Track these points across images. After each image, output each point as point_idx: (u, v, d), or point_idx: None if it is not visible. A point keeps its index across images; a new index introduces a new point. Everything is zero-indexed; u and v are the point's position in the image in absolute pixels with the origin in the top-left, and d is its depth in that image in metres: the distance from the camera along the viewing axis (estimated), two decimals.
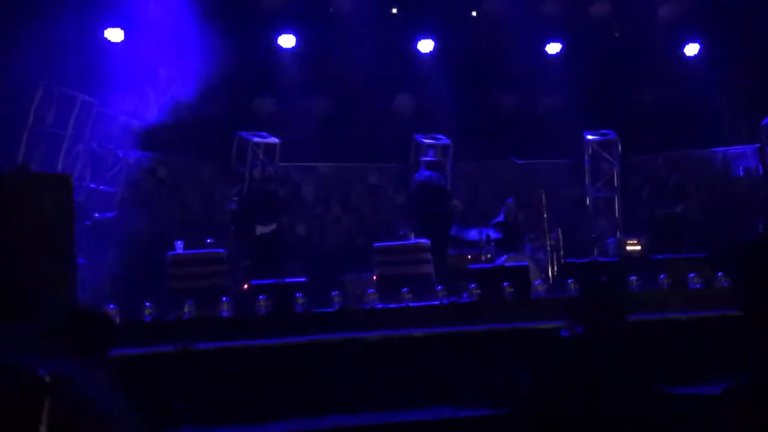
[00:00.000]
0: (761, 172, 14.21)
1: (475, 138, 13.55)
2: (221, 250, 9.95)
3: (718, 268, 9.68)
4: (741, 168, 14.45)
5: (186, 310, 8.50)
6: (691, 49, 14.27)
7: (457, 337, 7.72)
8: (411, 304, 8.97)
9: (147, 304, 8.37)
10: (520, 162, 12.05)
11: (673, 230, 11.91)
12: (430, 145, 14.03)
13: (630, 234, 12.66)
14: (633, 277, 9.43)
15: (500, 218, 12.35)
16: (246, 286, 10.01)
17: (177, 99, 11.71)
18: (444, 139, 14.09)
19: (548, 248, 11.34)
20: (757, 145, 14.19)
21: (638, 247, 11.88)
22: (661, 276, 9.47)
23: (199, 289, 9.22)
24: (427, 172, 11.68)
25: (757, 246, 2.93)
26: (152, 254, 11.27)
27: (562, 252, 11.53)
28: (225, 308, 8.55)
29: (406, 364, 7.39)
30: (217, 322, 8.28)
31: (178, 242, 9.99)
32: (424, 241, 10.54)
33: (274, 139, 13.19)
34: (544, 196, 11.46)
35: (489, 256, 11.46)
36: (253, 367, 7.10)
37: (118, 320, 7.59)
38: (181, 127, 12.20)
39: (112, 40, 11.31)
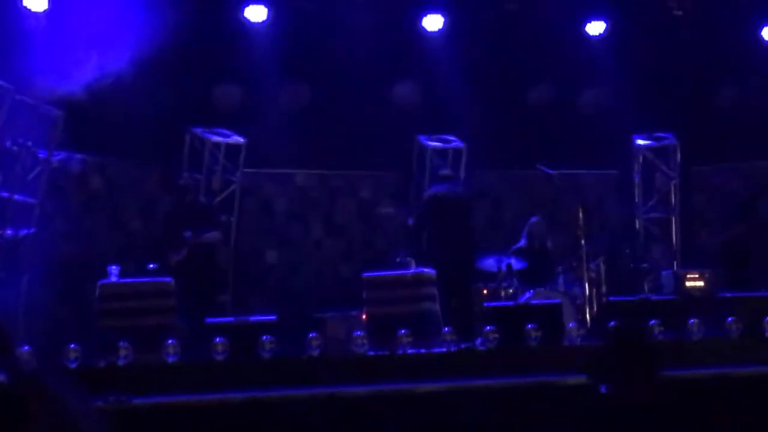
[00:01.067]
0: None
1: (496, 141, 13.62)
2: (167, 279, 9.98)
3: None
4: None
5: (121, 353, 8.51)
6: None
7: (468, 393, 7.73)
8: (410, 351, 8.98)
9: (72, 346, 8.37)
10: (551, 172, 12.10)
11: (743, 262, 11.97)
12: (437, 149, 14.09)
13: (691, 265, 12.70)
14: (693, 321, 9.45)
15: (522, 242, 12.38)
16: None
17: (113, 85, 11.76)
18: (456, 142, 14.17)
19: (586, 282, 11.37)
20: None
21: (701, 283, 11.90)
22: (729, 319, 9.50)
23: (139, 328, 9.23)
24: (444, 185, 11.78)
25: None
26: (79, 283, 11.29)
27: (604, 287, 11.56)
28: (171, 352, 8.56)
29: (403, 427, 7.40)
30: (161, 369, 8.29)
31: (113, 268, 10.01)
32: (428, 271, 10.56)
33: (238, 138, 13.25)
34: (581, 216, 11.50)
35: (510, 291, 11.48)
36: (207, 428, 7.10)
37: (33, 365, 7.60)
38: (118, 121, 12.25)
39: (32, 9, 11.38)
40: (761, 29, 14.40)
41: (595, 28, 14.24)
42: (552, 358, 8.75)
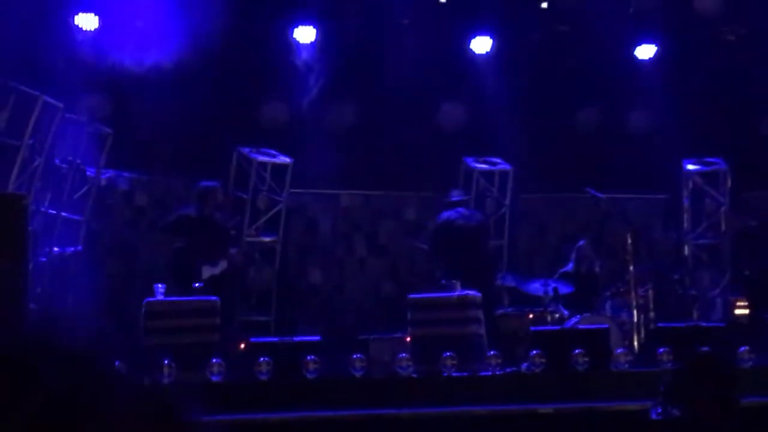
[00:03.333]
0: None
1: (543, 163, 13.57)
2: (213, 298, 10.00)
3: None
4: None
5: (165, 371, 8.53)
6: None
7: (514, 418, 7.68)
8: (454, 374, 8.94)
9: (116, 363, 8.40)
10: (600, 195, 12.03)
11: None
12: (484, 171, 14.06)
13: (740, 292, 12.55)
14: (744, 348, 9.33)
15: (570, 267, 12.31)
16: (243, 345, 10.03)
17: (161, 105, 11.86)
18: (502, 164, 14.12)
19: (635, 307, 11.26)
20: None
21: (748, 310, 11.79)
22: None
23: (183, 346, 9.26)
24: (454, 211, 11.80)
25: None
26: (125, 301, 11.36)
27: (652, 313, 11.45)
28: (215, 371, 8.57)
29: None
30: (205, 388, 8.30)
31: (159, 287, 10.06)
32: (473, 293, 10.52)
33: (284, 159, 13.29)
34: (630, 241, 11.41)
35: (557, 315, 11.39)
36: None
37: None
38: (167, 141, 12.35)
39: (83, 28, 11.51)
40: None
41: (646, 51, 14.18)
42: (599, 384, 8.67)
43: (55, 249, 10.99)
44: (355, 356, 8.97)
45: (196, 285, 10.33)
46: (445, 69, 13.78)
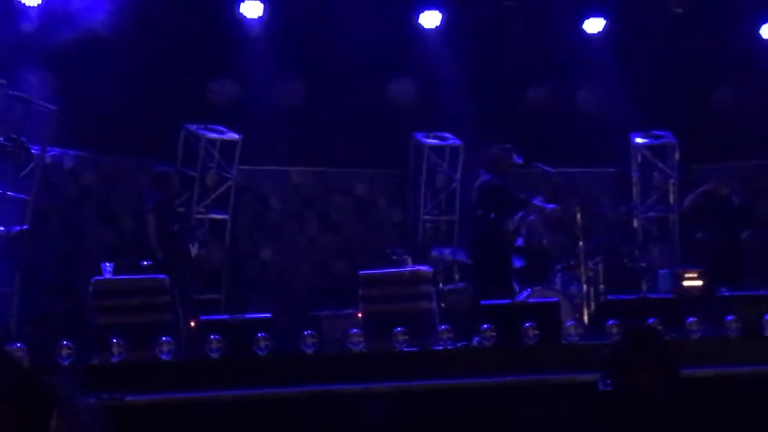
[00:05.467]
0: None
1: (493, 138, 13.59)
2: (162, 276, 9.95)
3: None
4: None
5: (114, 351, 8.48)
6: None
7: (465, 392, 7.73)
8: (406, 349, 8.97)
9: (65, 343, 8.34)
10: (549, 170, 12.09)
11: (735, 263, 11.98)
12: (434, 147, 14.08)
13: (689, 265, 12.70)
14: (692, 320, 9.45)
15: (520, 241, 12.37)
16: (193, 323, 9.99)
17: (107, 82, 11.74)
18: (452, 140, 14.15)
19: (585, 281, 11.36)
20: None
21: (699, 282, 11.90)
22: (728, 318, 9.50)
23: (133, 326, 9.20)
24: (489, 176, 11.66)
25: None
26: (72, 281, 11.26)
27: (602, 286, 11.56)
28: (165, 350, 8.53)
29: (399, 424, 7.39)
30: (155, 367, 8.26)
31: (107, 265, 9.98)
32: (424, 269, 10.55)
33: (233, 135, 13.23)
34: (579, 215, 11.49)
35: None
36: (200, 426, 7.08)
37: (26, 364, 7.57)
38: (113, 117, 12.22)
39: (26, 3, 11.35)
40: (760, 28, 14.40)
41: (594, 25, 14.23)
42: (549, 356, 8.75)
43: (1, 228, 10.86)
44: (306, 333, 8.96)
45: (145, 263, 10.28)
46: (395, 44, 13.75)
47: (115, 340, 8.56)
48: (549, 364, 8.52)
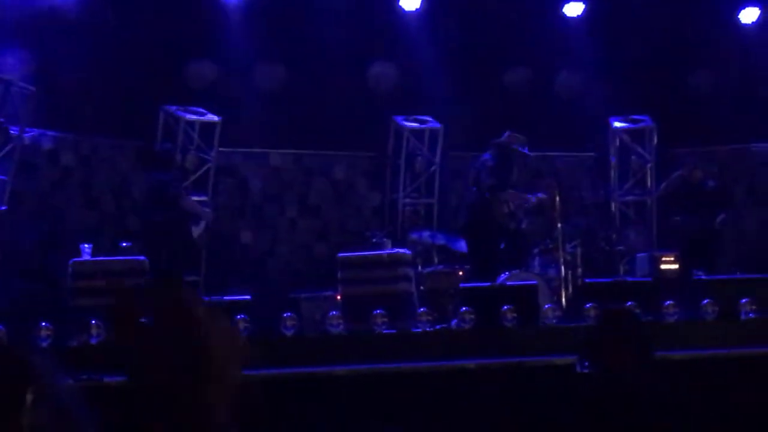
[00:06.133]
0: None
1: (472, 122, 13.62)
2: (141, 258, 9.93)
3: None
4: None
5: (93, 332, 8.47)
6: (749, 15, 14.42)
7: (443, 374, 7.75)
8: (385, 331, 8.99)
9: (43, 324, 8.32)
10: (527, 153, 12.11)
11: (711, 247, 12.07)
12: (414, 130, 14.08)
13: (666, 248, 12.76)
14: (668, 303, 9.51)
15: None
16: None
17: (86, 62, 11.68)
18: (432, 123, 14.15)
19: (562, 264, 11.40)
20: None
21: (676, 266, 11.96)
22: (704, 302, 9.57)
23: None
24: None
25: None
26: (51, 262, 11.22)
27: (580, 269, 11.60)
28: None
29: (377, 405, 7.41)
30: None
31: (85, 247, 9.95)
32: (404, 252, 10.58)
33: (212, 117, 13.18)
34: (558, 198, 11.52)
35: None
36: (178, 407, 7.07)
37: (2, 341, 7.56)
38: (92, 98, 12.17)
39: None
40: (738, 12, 14.45)
41: (573, 9, 14.24)
42: (528, 339, 8.79)
43: None
44: (285, 315, 8.98)
45: (124, 244, 10.26)
46: (375, 27, 13.73)
47: (93, 322, 8.55)
48: (527, 347, 8.55)
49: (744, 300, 9.55)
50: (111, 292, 9.40)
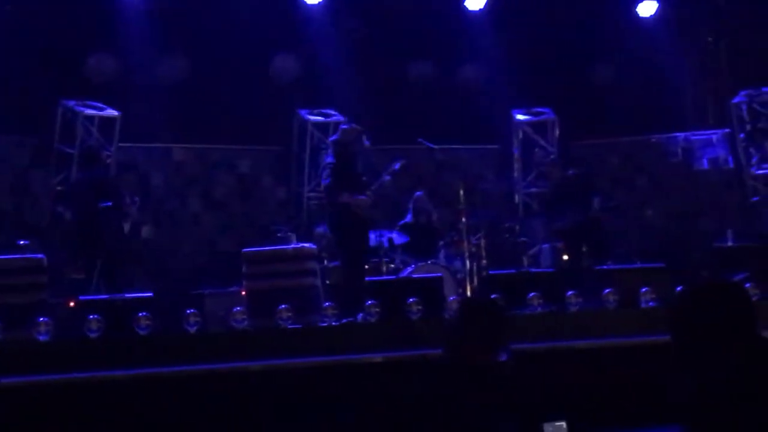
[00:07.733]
0: (731, 163, 14.72)
1: (376, 115, 13.60)
2: (39, 256, 9.72)
3: (677, 282, 9.95)
4: (705, 158, 14.95)
5: None
6: (647, 8, 14.66)
7: (349, 368, 7.72)
8: (290, 326, 8.94)
9: None
10: (432, 146, 12.13)
11: (596, 234, 12.18)
12: (318, 124, 14.03)
13: (558, 240, 12.90)
14: (571, 293, 9.62)
15: (409, 218, 12.43)
16: (72, 303, 9.77)
17: None
18: (336, 116, 14.11)
19: (468, 256, 11.45)
20: (727, 130, 14.68)
21: (566, 257, 12.15)
22: (606, 291, 9.70)
23: (9, 306, 8.98)
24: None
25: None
26: None
27: (484, 261, 11.67)
28: (43, 330, 8.33)
29: (284, 402, 7.36)
30: (32, 347, 8.07)
31: None
32: (309, 246, 10.52)
33: (112, 112, 12.98)
34: (462, 191, 11.57)
35: (392, 265, 11.51)
36: (80, 408, 6.94)
37: None
38: None
39: None
40: (637, 6, 14.69)
41: (476, 3, 14.34)
42: (433, 332, 8.79)
43: None
44: (188, 311, 8.86)
45: (21, 242, 10.03)
46: (278, 19, 13.64)
47: None
48: (432, 339, 8.56)
49: (644, 289, 9.71)
50: (7, 290, 9.18)
